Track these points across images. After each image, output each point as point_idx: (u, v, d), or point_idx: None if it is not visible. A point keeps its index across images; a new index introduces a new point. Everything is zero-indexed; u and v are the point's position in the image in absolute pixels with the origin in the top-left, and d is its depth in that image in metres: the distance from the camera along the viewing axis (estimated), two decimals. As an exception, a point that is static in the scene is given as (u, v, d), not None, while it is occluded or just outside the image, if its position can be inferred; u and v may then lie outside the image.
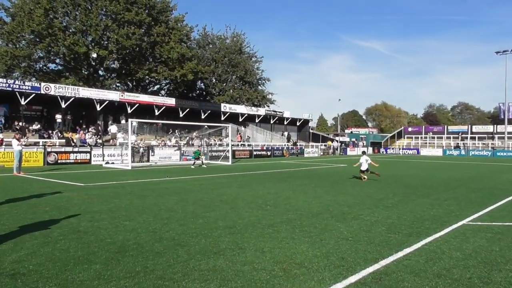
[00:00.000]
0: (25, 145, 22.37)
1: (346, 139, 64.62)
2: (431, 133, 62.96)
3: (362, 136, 70.93)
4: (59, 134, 29.28)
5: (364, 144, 64.04)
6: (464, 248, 6.40)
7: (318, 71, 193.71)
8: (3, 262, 5.33)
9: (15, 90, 28.31)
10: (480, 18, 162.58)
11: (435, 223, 8.32)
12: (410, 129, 68.24)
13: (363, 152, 20.24)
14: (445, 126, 65.44)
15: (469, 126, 63.09)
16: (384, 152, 59.95)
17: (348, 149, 55.10)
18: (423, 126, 70.36)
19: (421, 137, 62.85)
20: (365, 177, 17.63)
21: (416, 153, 57.01)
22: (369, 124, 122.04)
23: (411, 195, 12.69)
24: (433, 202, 11.23)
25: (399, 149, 60.01)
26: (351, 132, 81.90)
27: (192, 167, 24.47)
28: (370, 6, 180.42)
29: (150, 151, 29.57)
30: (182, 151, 32.03)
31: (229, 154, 30.35)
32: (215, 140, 38.82)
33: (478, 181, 17.76)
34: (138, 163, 26.65)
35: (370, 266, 5.42)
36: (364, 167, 17.81)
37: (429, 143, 60.72)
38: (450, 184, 16.42)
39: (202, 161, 25.76)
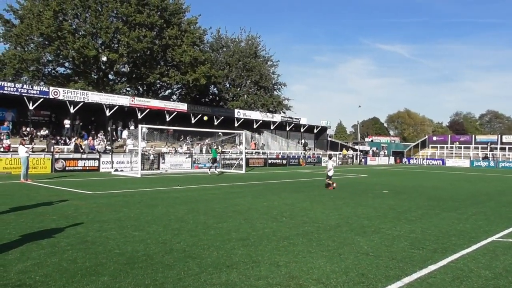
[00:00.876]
0: (32, 151, 22.70)
1: (367, 147, 64.19)
2: (457, 142, 62.06)
3: (384, 145, 70.39)
4: (71, 139, 29.70)
5: (386, 153, 63.55)
6: (493, 267, 6.29)
7: (336, 76, 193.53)
8: (9, 273, 5.41)
9: (23, 94, 28.89)
10: (510, 20, 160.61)
11: (462, 238, 8.20)
12: (435, 138, 67.38)
13: (330, 156, 19.25)
14: (473, 136, 64.47)
15: (499, 135, 61.96)
16: (407, 162, 59.36)
17: (368, 158, 54.73)
18: (449, 135, 69.43)
19: (447, 147, 62.01)
20: (334, 184, 17.49)
21: (441, 163, 56.30)
22: (391, 132, 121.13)
23: (436, 208, 12.54)
24: (460, 216, 11.08)
25: (423, 159, 59.34)
26: (372, 140, 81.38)
27: (209, 173, 24.76)
28: (392, 8, 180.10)
29: (161, 158, 29.81)
30: (193, 159, 32.21)
31: (243, 162, 30.43)
32: (223, 147, 38.92)
33: (508, 195, 17.47)
34: (148, 171, 26.87)
35: (392, 284, 5.36)
36: (331, 172, 17.58)
37: (455, 153, 59.89)
38: (478, 197, 16.17)
39: (215, 168, 25.99)
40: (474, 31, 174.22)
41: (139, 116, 35.23)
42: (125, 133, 33.95)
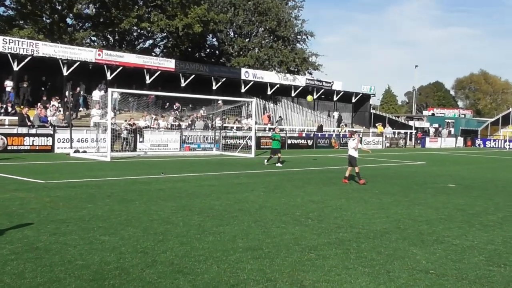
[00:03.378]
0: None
1: (425, 124, 63.78)
2: (554, 118, 61.56)
3: (449, 121, 69.90)
4: (10, 109, 29.81)
5: (452, 132, 63.15)
6: None
7: (384, 24, 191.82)
8: None
9: None
10: None
11: (561, 252, 8.15)
12: (522, 111, 66.84)
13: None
14: None
15: None
16: (482, 145, 58.98)
17: (427, 139, 54.44)
18: (543, 108, 68.80)
19: (539, 125, 61.56)
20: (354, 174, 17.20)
21: (530, 147, 55.94)
22: (460, 103, 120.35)
23: (523, 209, 12.48)
24: (556, 221, 11.01)
25: (505, 141, 58.91)
26: (433, 114, 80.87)
27: (279, 164, 23.02)
28: None
29: (138, 135, 29.84)
30: (183, 136, 32.24)
31: (252, 143, 30.39)
32: (224, 120, 38.90)
33: None
34: (121, 153, 26.98)
35: (462, 314, 5.36)
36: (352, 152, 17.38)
37: (550, 133, 59.42)
38: None
39: (270, 156, 24.14)
40: None
41: (109, 77, 35.26)
42: (96, 94, 33.79)
